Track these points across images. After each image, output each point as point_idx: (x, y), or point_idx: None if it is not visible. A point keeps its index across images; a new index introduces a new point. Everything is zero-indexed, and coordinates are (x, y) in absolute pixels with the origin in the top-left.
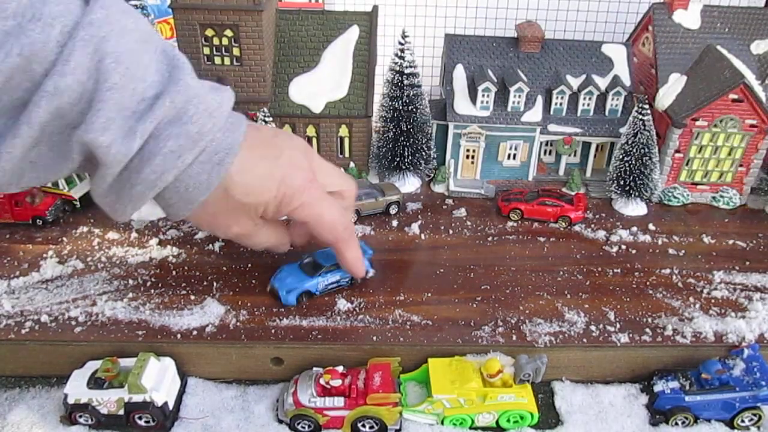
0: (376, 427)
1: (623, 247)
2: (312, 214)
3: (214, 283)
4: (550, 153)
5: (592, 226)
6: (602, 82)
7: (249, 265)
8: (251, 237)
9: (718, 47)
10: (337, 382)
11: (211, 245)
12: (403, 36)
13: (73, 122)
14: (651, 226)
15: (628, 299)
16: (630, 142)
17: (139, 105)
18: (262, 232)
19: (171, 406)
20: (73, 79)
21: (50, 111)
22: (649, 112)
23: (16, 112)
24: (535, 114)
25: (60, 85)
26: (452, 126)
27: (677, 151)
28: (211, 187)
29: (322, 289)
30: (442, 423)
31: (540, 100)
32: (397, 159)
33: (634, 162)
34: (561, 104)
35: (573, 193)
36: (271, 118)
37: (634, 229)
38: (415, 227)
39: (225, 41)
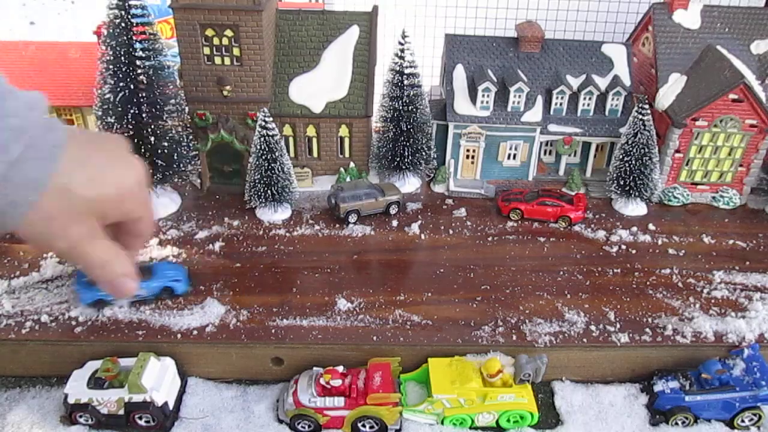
0: (376, 427)
1: (623, 247)
2: (148, 213)
3: (214, 283)
4: (550, 153)
5: (592, 226)
6: (602, 82)
7: (249, 265)
8: (88, 245)
9: (718, 47)
10: (337, 382)
11: (211, 245)
12: (403, 36)
13: None
14: (651, 226)
15: (628, 299)
16: (630, 142)
17: None
18: (99, 243)
19: (171, 406)
20: None
21: None
22: (649, 112)
23: None
24: (535, 114)
25: None
26: (452, 126)
27: (677, 151)
28: (44, 184)
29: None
30: (442, 423)
31: (540, 100)
32: (397, 159)
33: (634, 162)
34: (561, 104)
35: (573, 193)
36: (271, 118)
37: (634, 229)
38: (415, 227)
39: (225, 41)
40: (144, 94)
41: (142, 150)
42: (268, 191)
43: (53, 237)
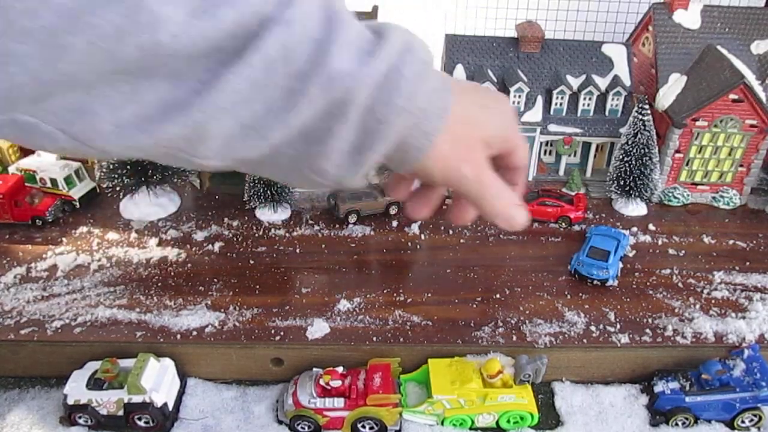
0: (376, 428)
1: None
2: (523, 143)
3: (214, 284)
4: (550, 153)
5: (593, 226)
6: (602, 82)
7: (249, 265)
8: (486, 172)
9: (718, 47)
10: (337, 383)
11: (211, 245)
12: None
13: (301, 64)
14: (651, 227)
15: (628, 299)
16: (630, 142)
17: (369, 37)
18: (492, 173)
19: (171, 406)
20: (306, 10)
21: (279, 45)
22: (649, 112)
23: (233, 53)
24: (535, 114)
25: (295, 16)
26: None
27: (677, 151)
28: (448, 109)
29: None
30: (442, 423)
31: (540, 100)
32: None
33: (634, 162)
34: (561, 104)
35: (573, 193)
36: None
37: (634, 229)
38: (415, 227)
39: None
40: None
41: None
42: (268, 191)
43: (460, 163)
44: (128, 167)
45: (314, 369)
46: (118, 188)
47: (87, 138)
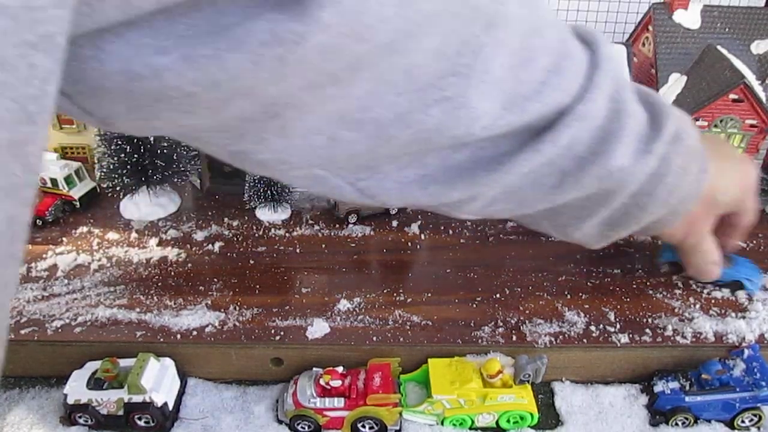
0: (376, 428)
1: (623, 247)
2: (752, 209)
3: (214, 283)
4: None
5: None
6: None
7: (249, 265)
8: (701, 246)
9: (718, 47)
10: (337, 383)
11: (211, 245)
12: None
13: (583, 153)
14: None
15: (628, 299)
16: None
17: (645, 130)
18: (708, 241)
19: (171, 406)
20: (599, 107)
21: (570, 136)
22: None
23: (531, 135)
24: None
25: (589, 110)
26: None
27: None
28: (698, 197)
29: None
30: (442, 423)
31: None
32: None
33: None
34: None
35: None
36: None
37: None
38: (415, 227)
39: None
40: None
41: (141, 150)
42: (268, 191)
43: (688, 236)
44: (128, 167)
45: (314, 369)
46: (118, 188)
47: (372, 193)
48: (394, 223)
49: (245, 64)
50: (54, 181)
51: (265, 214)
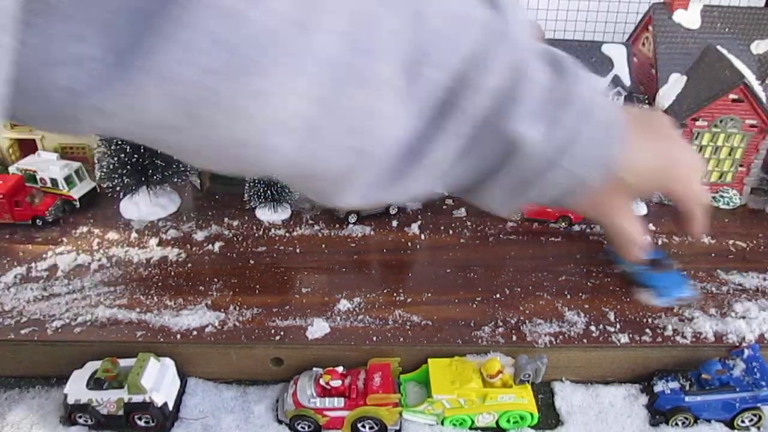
0: (376, 428)
1: None
2: (692, 196)
3: (214, 283)
4: None
5: (593, 225)
6: (602, 82)
7: (249, 265)
8: (621, 218)
9: (718, 47)
10: (336, 383)
11: (211, 245)
12: None
13: (485, 118)
14: (651, 226)
15: (628, 299)
16: None
17: (551, 96)
18: (628, 215)
19: (171, 406)
20: (497, 72)
21: (471, 104)
22: None
23: (439, 111)
24: None
25: (485, 78)
26: None
27: None
28: (608, 168)
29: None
30: (442, 423)
31: None
32: None
33: None
34: None
35: None
36: None
37: None
38: (415, 227)
39: None
40: None
41: (141, 150)
42: (268, 191)
43: (596, 210)
44: (128, 167)
45: (314, 369)
46: (118, 188)
47: (326, 199)
48: (394, 223)
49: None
50: (54, 181)
51: (265, 214)
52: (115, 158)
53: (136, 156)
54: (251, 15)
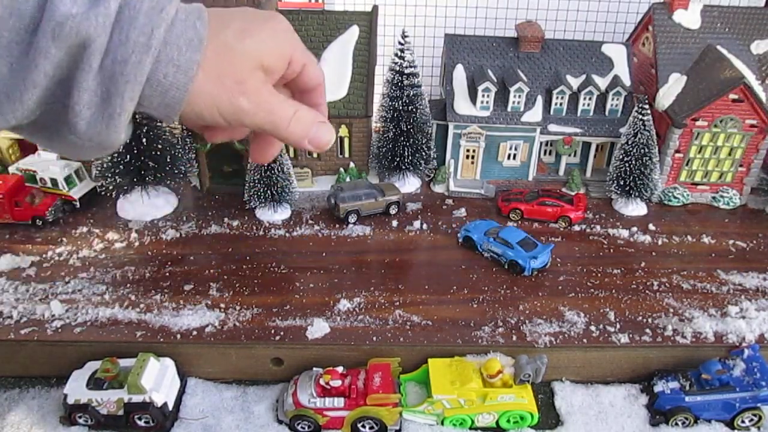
0: (376, 428)
1: (623, 247)
2: (310, 58)
3: (214, 284)
4: (550, 153)
5: (592, 226)
6: (602, 82)
7: (249, 265)
8: (270, 96)
9: (718, 47)
10: (337, 383)
11: (211, 245)
12: (403, 36)
13: (31, 17)
14: (651, 226)
15: (628, 299)
16: (630, 142)
17: None
18: (280, 96)
19: (171, 406)
20: None
21: (4, 5)
22: (649, 112)
23: None
24: (535, 114)
25: None
26: (452, 126)
27: (677, 151)
28: (202, 39)
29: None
30: (442, 423)
31: (540, 100)
32: (397, 159)
33: (634, 162)
34: (561, 104)
35: (573, 193)
36: None
37: (634, 229)
38: (415, 227)
39: None
40: None
41: (135, 151)
42: (268, 191)
43: (232, 97)
44: (121, 166)
45: (314, 369)
46: (111, 187)
47: None
48: (394, 223)
49: None
50: (54, 181)
51: (265, 214)
52: (109, 157)
53: (128, 156)
54: None
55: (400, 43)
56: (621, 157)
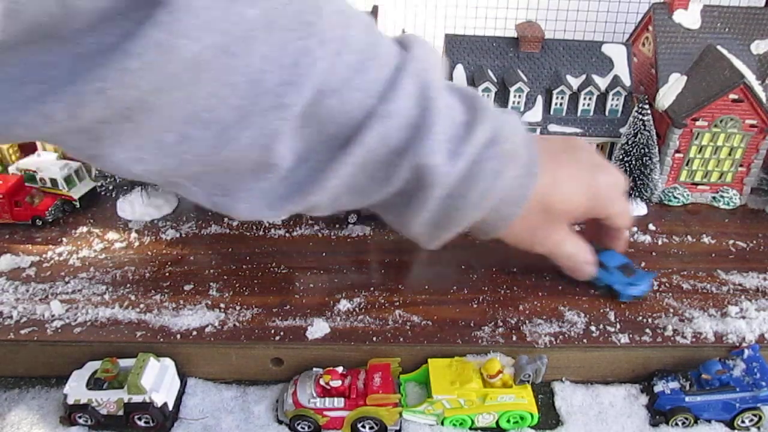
0: (376, 428)
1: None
2: (620, 212)
3: (214, 284)
4: None
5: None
6: (602, 82)
7: (249, 265)
8: (562, 245)
9: (718, 47)
10: (337, 383)
11: (210, 245)
12: None
13: (397, 148)
14: (651, 226)
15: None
16: (630, 143)
17: (458, 131)
18: (570, 240)
19: (171, 406)
20: (403, 105)
21: (379, 135)
22: (649, 112)
23: (338, 142)
24: (535, 114)
25: (390, 109)
26: None
27: (677, 151)
28: (525, 200)
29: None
30: (442, 423)
31: (540, 100)
32: None
33: (634, 162)
34: (561, 104)
35: None
36: None
37: (634, 229)
38: None
39: None
40: None
41: None
42: None
43: (533, 244)
44: None
45: (314, 369)
46: (110, 186)
47: (225, 209)
48: None
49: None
50: (54, 181)
51: None
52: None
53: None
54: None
55: None
56: (621, 157)
